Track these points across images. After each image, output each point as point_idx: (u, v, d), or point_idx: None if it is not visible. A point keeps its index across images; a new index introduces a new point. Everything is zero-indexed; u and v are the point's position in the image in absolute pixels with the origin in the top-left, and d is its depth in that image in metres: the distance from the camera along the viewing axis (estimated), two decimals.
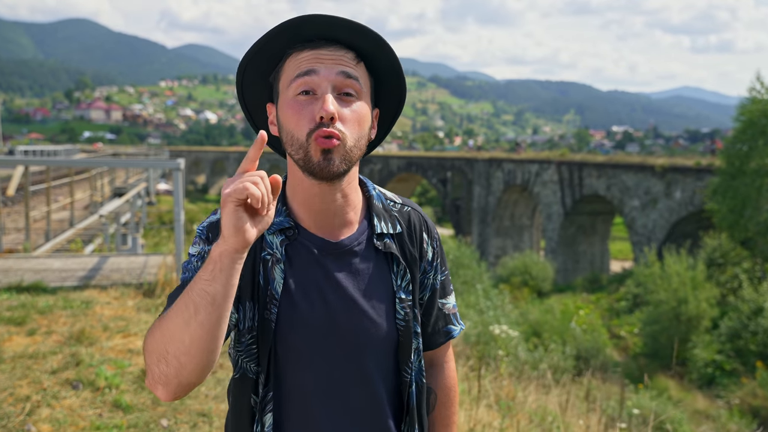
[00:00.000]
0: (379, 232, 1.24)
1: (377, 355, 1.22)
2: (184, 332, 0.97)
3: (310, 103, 1.12)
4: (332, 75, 1.12)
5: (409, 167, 49.92)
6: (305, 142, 1.12)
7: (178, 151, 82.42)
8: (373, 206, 1.27)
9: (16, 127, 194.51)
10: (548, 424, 4.93)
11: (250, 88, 1.23)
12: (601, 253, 36.61)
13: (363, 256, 1.22)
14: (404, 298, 1.24)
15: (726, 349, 18.07)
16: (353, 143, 1.14)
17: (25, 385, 4.20)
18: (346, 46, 1.15)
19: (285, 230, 1.20)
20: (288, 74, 1.14)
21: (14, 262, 8.20)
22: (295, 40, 1.14)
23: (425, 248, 1.31)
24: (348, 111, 1.13)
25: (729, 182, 22.71)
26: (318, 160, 1.11)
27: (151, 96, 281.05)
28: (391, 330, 1.22)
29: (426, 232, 1.32)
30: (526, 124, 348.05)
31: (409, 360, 1.25)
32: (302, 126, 1.12)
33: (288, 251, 1.19)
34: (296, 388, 1.18)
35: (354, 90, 1.14)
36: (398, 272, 1.24)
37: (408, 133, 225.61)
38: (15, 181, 10.24)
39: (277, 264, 1.18)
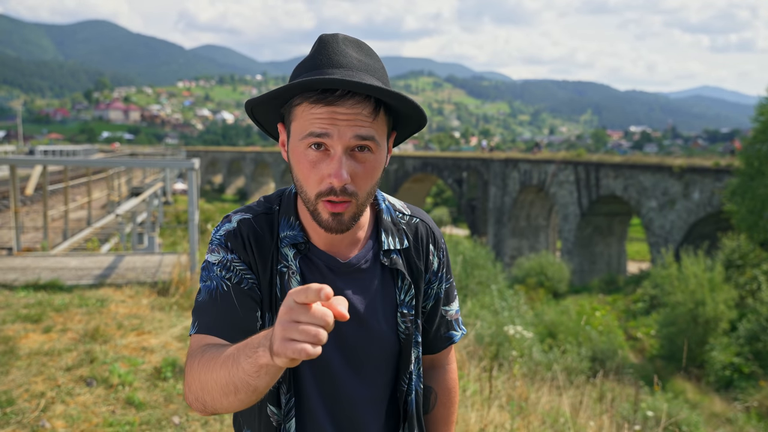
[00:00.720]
0: (386, 248, 1.26)
1: (381, 368, 1.27)
2: (222, 397, 1.00)
3: (322, 160, 1.10)
4: (346, 138, 1.08)
5: (425, 167, 49.89)
6: (313, 201, 1.12)
7: (195, 151, 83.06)
8: (381, 221, 1.28)
9: (37, 128, 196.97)
10: (560, 425, 4.91)
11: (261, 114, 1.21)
12: (617, 254, 36.35)
13: (369, 272, 1.25)
14: (406, 312, 1.27)
15: (744, 352, 17.86)
16: (365, 197, 1.14)
17: (40, 381, 4.26)
18: (363, 97, 1.08)
19: (297, 245, 1.22)
20: (300, 124, 1.10)
21: (32, 260, 8.31)
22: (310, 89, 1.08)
23: (431, 260, 1.33)
24: (361, 168, 1.11)
25: (748, 183, 22.45)
26: (326, 219, 1.12)
27: (168, 96, 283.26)
28: (393, 343, 1.26)
29: (433, 243, 1.34)
30: (543, 125, 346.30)
31: (408, 369, 1.29)
32: (311, 184, 1.11)
33: (300, 265, 1.22)
34: (310, 398, 1.22)
35: (369, 147, 1.11)
36: (402, 287, 1.27)
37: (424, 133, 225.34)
38: (33, 180, 10.38)
39: (293, 276, 1.20)
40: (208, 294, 1.16)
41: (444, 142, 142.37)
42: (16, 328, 5.31)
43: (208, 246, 1.24)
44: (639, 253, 44.78)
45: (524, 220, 40.60)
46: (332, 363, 1.22)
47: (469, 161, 45.43)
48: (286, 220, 1.23)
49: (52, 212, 11.45)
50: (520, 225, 40.51)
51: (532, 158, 40.03)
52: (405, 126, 1.22)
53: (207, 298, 1.16)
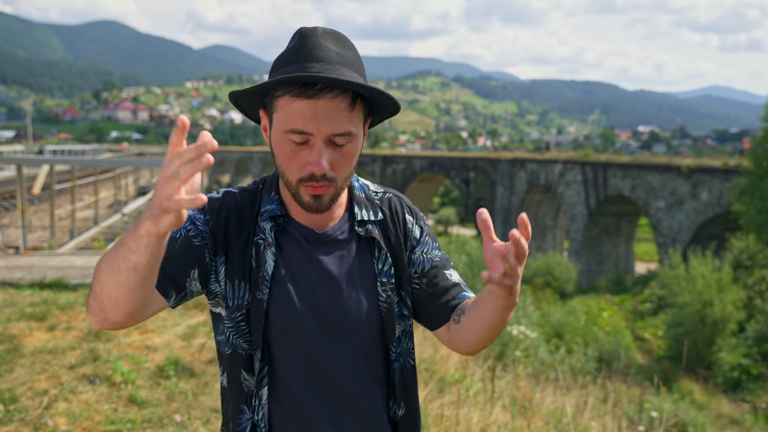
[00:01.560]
0: (360, 219, 1.30)
1: (361, 336, 1.26)
2: (107, 283, 1.02)
3: (302, 149, 1.15)
4: (325, 133, 1.13)
5: (432, 167, 49.86)
6: (295, 185, 1.18)
7: None
8: (354, 196, 1.33)
9: (46, 127, 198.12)
10: (563, 425, 4.89)
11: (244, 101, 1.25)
12: (625, 254, 36.22)
13: (346, 243, 1.29)
14: (385, 281, 1.29)
15: (752, 353, 17.74)
16: (343, 180, 1.20)
17: (44, 379, 4.28)
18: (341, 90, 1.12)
19: (275, 217, 1.26)
20: (282, 116, 1.15)
21: (38, 259, 8.35)
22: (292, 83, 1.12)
23: (410, 228, 1.36)
24: (339, 156, 1.17)
25: (757, 183, 22.29)
26: (308, 201, 1.19)
27: (177, 96, 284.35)
28: (373, 311, 1.27)
29: (410, 213, 1.38)
30: (551, 125, 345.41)
31: (393, 341, 1.29)
32: (293, 170, 1.17)
33: (278, 237, 1.26)
34: (285, 365, 1.23)
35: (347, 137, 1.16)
36: (379, 257, 1.30)
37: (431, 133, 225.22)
38: (40, 180, 10.43)
39: (268, 248, 1.24)
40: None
41: (451, 142, 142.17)
42: (21, 326, 5.34)
43: None
44: (647, 254, 44.60)
45: (531, 220, 40.36)
46: (309, 331, 1.23)
47: (476, 161, 45.37)
48: (268, 195, 1.28)
49: (59, 211, 11.51)
50: None
51: (539, 158, 39.95)
52: (380, 113, 1.27)
53: None
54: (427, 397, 4.34)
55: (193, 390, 4.33)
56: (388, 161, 53.99)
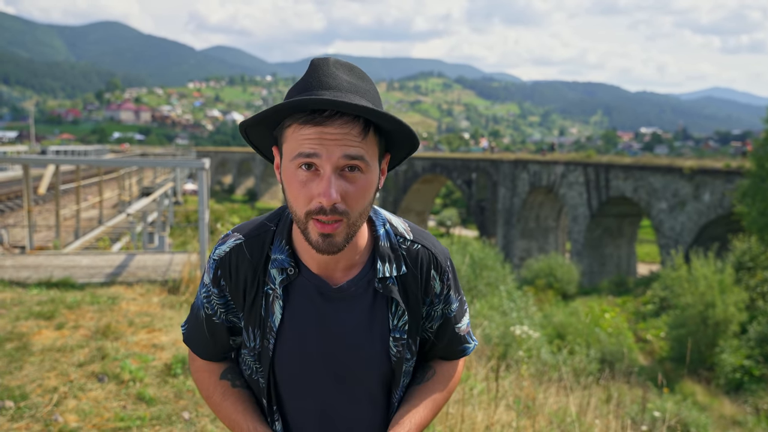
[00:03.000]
0: (381, 276, 1.24)
1: (369, 386, 1.29)
2: None
3: (311, 179, 1.10)
4: (335, 158, 1.08)
5: (434, 168, 49.88)
6: (303, 220, 1.12)
7: (205, 152, 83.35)
8: (378, 248, 1.25)
9: (49, 128, 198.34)
10: (567, 425, 4.92)
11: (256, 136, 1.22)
12: (627, 255, 36.21)
13: (361, 298, 1.24)
14: (398, 337, 1.27)
15: (755, 355, 17.75)
16: (358, 216, 1.13)
17: (53, 377, 4.32)
18: (352, 117, 1.09)
19: (285, 269, 1.23)
20: (290, 145, 1.11)
21: (45, 258, 8.41)
22: (299, 110, 1.09)
23: (432, 284, 1.30)
24: (352, 188, 1.10)
25: (759, 185, 22.29)
26: (316, 240, 1.12)
27: (179, 97, 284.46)
28: (383, 364, 1.27)
29: (435, 268, 1.30)
30: (553, 126, 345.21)
31: (398, 388, 1.32)
32: (301, 203, 1.11)
33: (288, 288, 1.24)
34: (294, 407, 1.30)
35: (359, 167, 1.10)
36: (396, 312, 1.26)
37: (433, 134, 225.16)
38: (46, 180, 10.48)
39: (276, 300, 1.23)
40: (194, 307, 1.34)
41: (453, 143, 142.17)
42: (29, 324, 5.39)
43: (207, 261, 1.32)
44: (649, 255, 44.59)
45: (533, 222, 40.51)
46: (316, 381, 1.27)
47: (478, 162, 45.38)
48: (279, 241, 1.24)
49: (64, 211, 11.56)
50: (530, 226, 40.43)
51: (541, 159, 39.95)
52: (398, 148, 1.22)
53: (193, 310, 1.35)
54: None
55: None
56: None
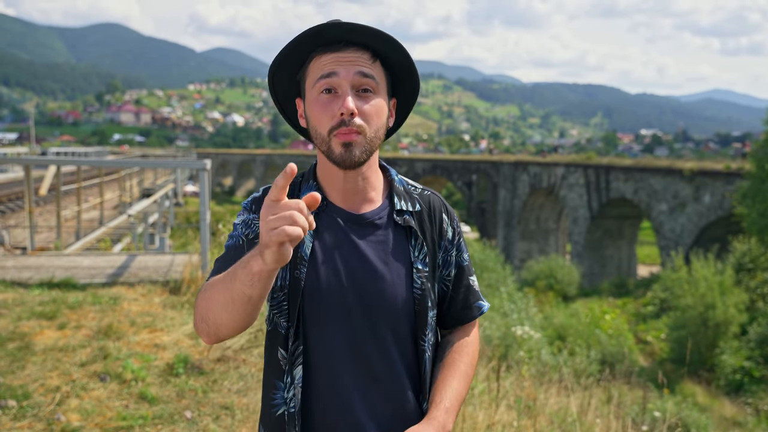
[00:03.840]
0: (399, 208, 1.36)
1: (394, 320, 1.31)
2: (222, 312, 1.16)
3: (332, 101, 1.26)
4: (351, 75, 1.25)
5: (435, 170, 49.92)
6: (327, 138, 1.27)
7: (206, 154, 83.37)
8: (394, 188, 1.40)
9: (49, 130, 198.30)
10: (568, 425, 4.94)
11: (281, 85, 1.38)
12: (628, 257, 36.21)
13: (383, 228, 1.35)
14: (421, 268, 1.34)
15: (755, 356, 17.74)
16: (373, 134, 1.28)
17: (55, 376, 4.34)
18: (362, 47, 1.28)
19: None
20: (312, 75, 1.28)
21: (46, 259, 8.42)
22: (317, 44, 1.28)
23: (445, 228, 1.42)
24: (367, 106, 1.27)
25: (759, 186, 22.30)
26: (339, 152, 1.26)
27: (179, 99, 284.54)
28: (408, 297, 1.32)
29: (446, 213, 1.44)
30: (553, 128, 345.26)
31: (425, 329, 1.34)
32: (324, 122, 1.27)
33: (316, 220, 1.32)
34: (321, 344, 1.29)
35: (371, 87, 1.27)
36: (416, 245, 1.35)
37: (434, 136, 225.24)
38: (47, 181, 10.50)
39: None
40: (227, 249, 1.32)
41: (454, 145, 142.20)
42: (32, 324, 5.40)
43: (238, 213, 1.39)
44: (649, 257, 44.59)
45: (534, 223, 40.52)
46: (344, 311, 1.29)
47: (478, 164, 45.41)
48: (306, 184, 1.38)
49: (65, 212, 11.58)
50: (530, 228, 40.43)
51: (541, 161, 39.96)
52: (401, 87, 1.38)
53: (225, 253, 1.32)
54: None
55: (202, 387, 4.39)
56: (391, 164, 53.67)
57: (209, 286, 1.20)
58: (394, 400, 1.31)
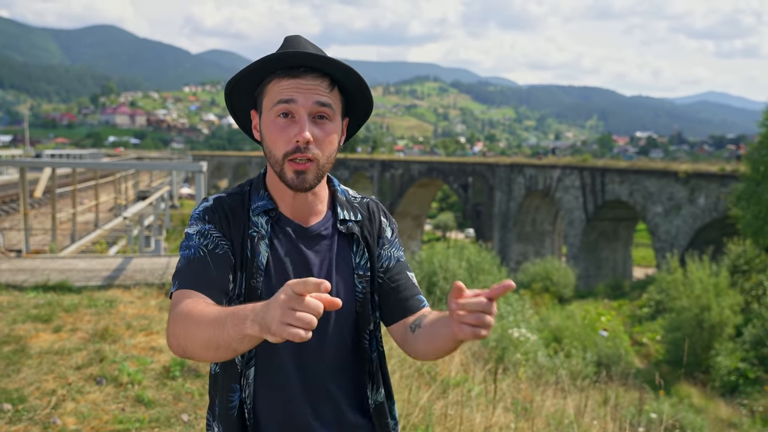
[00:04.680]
0: (342, 218, 1.46)
1: (340, 323, 1.41)
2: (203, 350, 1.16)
3: (289, 125, 1.31)
4: (309, 104, 1.31)
5: (431, 172, 49.91)
6: (281, 161, 1.33)
7: (201, 156, 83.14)
8: (337, 198, 1.49)
9: (43, 132, 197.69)
10: (564, 426, 4.94)
11: (238, 98, 1.42)
12: (623, 259, 36.28)
13: (329, 238, 1.44)
14: (362, 274, 1.44)
15: (750, 357, 17.81)
16: (325, 160, 1.35)
17: (51, 379, 4.32)
18: (321, 73, 1.32)
19: (269, 211, 1.41)
20: (271, 96, 1.33)
21: (41, 262, 8.39)
22: (278, 67, 1.32)
23: (383, 228, 1.52)
24: (322, 133, 1.33)
25: (753, 188, 22.39)
26: (291, 178, 1.33)
27: (175, 101, 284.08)
28: (350, 300, 1.42)
29: (384, 216, 1.54)
30: (549, 130, 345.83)
31: (367, 328, 1.45)
32: (280, 146, 1.32)
33: (270, 230, 1.40)
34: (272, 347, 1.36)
35: (327, 114, 1.33)
36: (357, 251, 1.45)
37: (429, 138, 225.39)
38: (42, 183, 10.46)
39: (262, 240, 1.38)
40: (186, 260, 1.32)
41: (449, 147, 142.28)
42: (27, 327, 5.38)
43: (188, 222, 1.41)
44: (645, 259, 44.70)
45: (530, 225, 40.56)
46: None
47: (474, 166, 45.42)
48: (257, 194, 1.43)
49: (60, 215, 11.55)
50: (526, 230, 40.47)
51: (537, 163, 40.03)
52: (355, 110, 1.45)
53: (185, 264, 1.32)
54: (431, 397, 4.38)
55: (199, 390, 4.38)
56: (387, 166, 54.05)
57: (187, 316, 1.18)
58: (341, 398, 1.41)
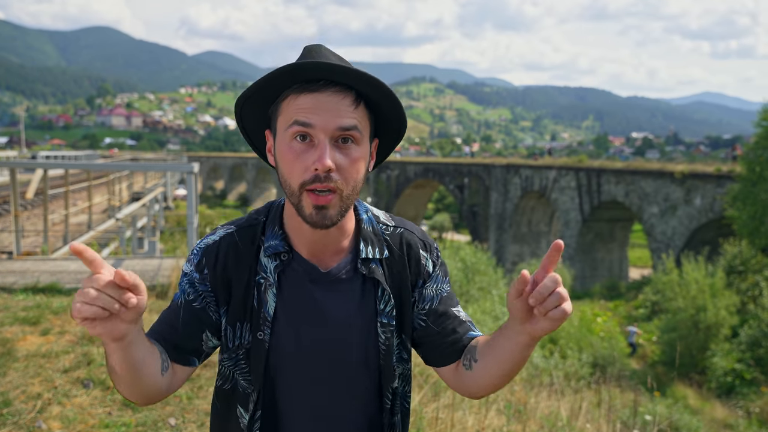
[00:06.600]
0: (364, 257, 1.24)
1: (359, 378, 1.24)
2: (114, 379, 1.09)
3: (306, 150, 1.10)
4: (330, 128, 1.09)
5: (427, 173, 49.90)
6: (297, 192, 1.12)
7: (197, 157, 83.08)
8: (361, 230, 1.26)
9: (39, 134, 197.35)
10: (558, 429, 4.90)
11: (250, 116, 1.23)
12: (619, 260, 36.30)
13: (350, 282, 1.24)
14: (386, 323, 1.24)
15: (746, 358, 17.79)
16: (350, 191, 1.13)
17: (37, 383, 4.26)
18: (345, 87, 1.12)
19: (279, 254, 1.21)
20: (286, 115, 1.12)
21: (32, 263, 8.33)
22: (295, 79, 1.12)
23: (423, 264, 1.30)
24: (345, 159, 1.11)
25: (750, 189, 22.40)
26: (310, 213, 1.12)
27: (171, 102, 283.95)
28: (372, 353, 1.24)
29: (423, 249, 1.32)
30: (545, 131, 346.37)
31: (391, 384, 1.26)
32: (296, 174, 1.11)
33: (279, 275, 1.22)
34: (281, 404, 1.23)
35: (353, 137, 1.12)
36: (382, 297, 1.24)
37: (425, 139, 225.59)
38: (34, 184, 10.40)
39: (269, 288, 1.20)
40: (171, 303, 1.23)
41: (445, 148, 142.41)
42: (14, 330, 5.32)
43: (188, 255, 1.27)
44: (641, 260, 44.73)
45: (525, 226, 40.56)
46: (307, 372, 1.22)
47: (470, 167, 45.42)
48: (271, 229, 1.23)
49: (52, 216, 11.48)
50: (522, 231, 40.47)
51: (533, 164, 40.04)
52: (386, 130, 1.24)
53: (168, 309, 1.23)
54: (422, 400, 4.34)
55: (187, 394, 4.32)
56: (383, 167, 53.99)
57: None
58: None
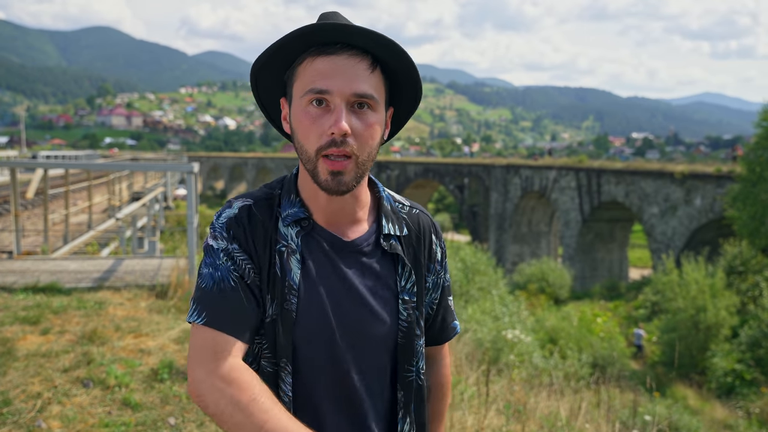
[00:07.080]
0: (386, 232, 1.24)
1: (379, 352, 1.23)
2: None
3: (322, 115, 1.11)
4: (346, 93, 1.10)
5: (426, 173, 49.90)
6: (314, 157, 1.12)
7: (197, 157, 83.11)
8: (382, 207, 1.27)
9: (40, 134, 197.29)
10: (557, 429, 4.90)
11: (264, 83, 1.22)
12: (619, 260, 36.29)
13: (371, 255, 1.23)
14: (407, 299, 1.25)
15: (746, 359, 17.78)
16: (366, 157, 1.14)
17: (37, 382, 4.26)
18: (361, 51, 1.12)
19: (300, 221, 1.20)
20: (302, 81, 1.12)
21: (32, 263, 8.33)
22: (310, 43, 1.12)
23: (434, 249, 1.32)
24: (361, 124, 1.12)
25: (750, 189, 22.39)
26: (326, 179, 1.12)
27: (171, 102, 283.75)
28: (392, 329, 1.23)
29: (434, 234, 1.33)
30: (545, 131, 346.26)
31: (412, 360, 1.26)
32: (312, 140, 1.11)
33: (301, 243, 1.19)
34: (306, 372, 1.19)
35: (368, 103, 1.12)
36: (403, 274, 1.25)
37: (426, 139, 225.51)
38: (34, 184, 10.40)
39: (292, 255, 1.17)
40: (215, 284, 1.13)
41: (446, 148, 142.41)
42: (15, 329, 5.32)
43: (210, 230, 1.21)
44: (641, 260, 44.73)
45: (525, 226, 40.56)
46: (332, 341, 1.18)
47: (470, 167, 45.41)
48: (287, 199, 1.21)
49: (53, 216, 11.49)
50: (522, 231, 40.46)
51: (533, 164, 40.03)
52: (401, 97, 1.24)
53: (214, 289, 1.13)
54: None
55: (187, 393, 4.32)
56: (383, 167, 54.02)
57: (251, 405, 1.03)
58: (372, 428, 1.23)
